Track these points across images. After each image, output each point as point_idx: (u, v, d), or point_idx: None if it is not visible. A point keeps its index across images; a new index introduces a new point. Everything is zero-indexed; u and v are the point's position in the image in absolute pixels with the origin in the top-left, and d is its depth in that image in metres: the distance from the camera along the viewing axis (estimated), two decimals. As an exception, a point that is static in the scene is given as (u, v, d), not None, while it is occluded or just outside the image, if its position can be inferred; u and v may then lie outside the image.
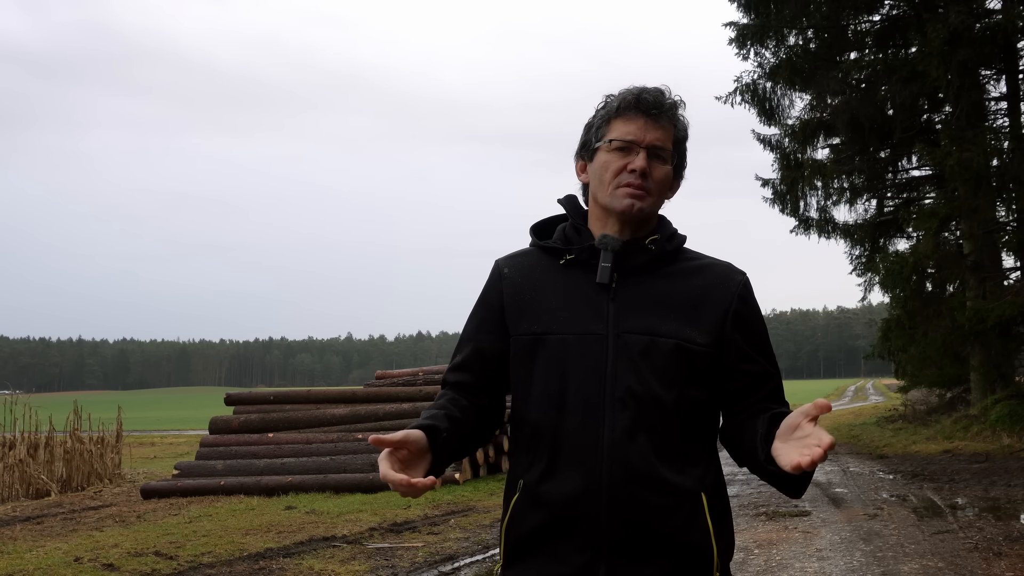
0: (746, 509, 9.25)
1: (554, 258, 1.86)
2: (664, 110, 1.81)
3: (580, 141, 1.90)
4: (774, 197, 19.06)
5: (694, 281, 1.82)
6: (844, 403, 42.06)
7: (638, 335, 1.75)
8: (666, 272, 1.83)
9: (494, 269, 1.93)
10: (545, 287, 1.84)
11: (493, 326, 1.87)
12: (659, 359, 1.74)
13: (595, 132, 1.86)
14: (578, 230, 1.87)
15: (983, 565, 6.26)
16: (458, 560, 6.86)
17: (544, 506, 1.74)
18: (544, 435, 1.77)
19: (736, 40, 18.01)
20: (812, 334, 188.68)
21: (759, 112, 18.60)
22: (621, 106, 1.82)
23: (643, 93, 1.81)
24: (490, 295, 1.90)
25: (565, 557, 1.72)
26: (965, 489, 10.23)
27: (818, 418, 1.61)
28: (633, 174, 1.78)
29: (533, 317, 1.82)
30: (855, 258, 19.49)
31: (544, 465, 1.76)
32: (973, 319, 14.85)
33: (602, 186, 1.82)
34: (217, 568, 6.62)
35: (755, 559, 6.71)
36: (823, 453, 1.54)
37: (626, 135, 1.80)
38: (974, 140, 14.34)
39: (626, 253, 1.80)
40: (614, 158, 1.81)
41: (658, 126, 1.81)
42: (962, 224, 16.71)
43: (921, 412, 20.48)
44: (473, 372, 1.90)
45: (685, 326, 1.77)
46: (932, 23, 14.83)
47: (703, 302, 1.80)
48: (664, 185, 1.83)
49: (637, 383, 1.73)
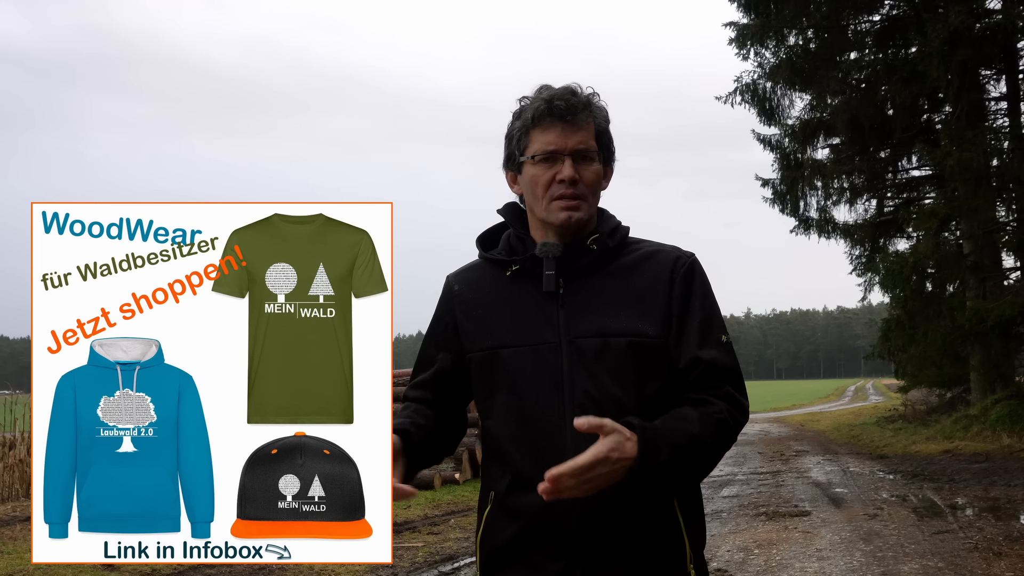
0: (746, 509, 9.25)
1: (501, 269, 1.86)
2: (579, 111, 1.78)
3: (504, 153, 1.87)
4: (774, 197, 19.07)
5: (640, 273, 1.81)
6: (844, 403, 42.07)
7: (590, 338, 1.75)
8: (612, 268, 1.81)
9: (445, 286, 1.94)
10: (495, 301, 1.84)
11: (449, 345, 1.89)
12: (614, 359, 1.73)
13: (516, 145, 1.83)
14: (521, 239, 1.86)
15: (983, 565, 6.27)
16: (458, 560, 6.87)
17: (516, 517, 1.76)
18: (510, 447, 1.78)
19: (736, 40, 18.02)
20: (812, 334, 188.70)
21: (759, 112, 18.62)
22: (535, 116, 1.78)
23: (554, 99, 1.77)
24: (443, 314, 1.92)
25: (541, 565, 1.74)
26: (965, 489, 10.23)
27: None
28: (563, 184, 1.77)
29: (487, 332, 1.82)
30: (855, 258, 19.51)
31: (512, 477, 1.77)
32: (973, 319, 14.86)
33: (536, 200, 1.81)
34: (217, 568, 6.62)
35: (755, 559, 6.71)
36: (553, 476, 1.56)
37: (547, 146, 1.78)
38: (974, 140, 14.35)
39: (569, 257, 1.79)
40: (541, 171, 1.79)
41: (577, 128, 1.78)
42: (962, 224, 16.72)
43: (921, 412, 20.49)
44: (433, 390, 1.94)
45: (635, 320, 1.76)
46: (932, 23, 14.84)
47: (649, 292, 1.78)
48: (596, 184, 1.82)
49: (594, 387, 1.73)
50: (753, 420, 28.01)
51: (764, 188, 19.22)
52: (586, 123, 1.79)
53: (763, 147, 19.21)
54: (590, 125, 1.80)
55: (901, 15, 17.39)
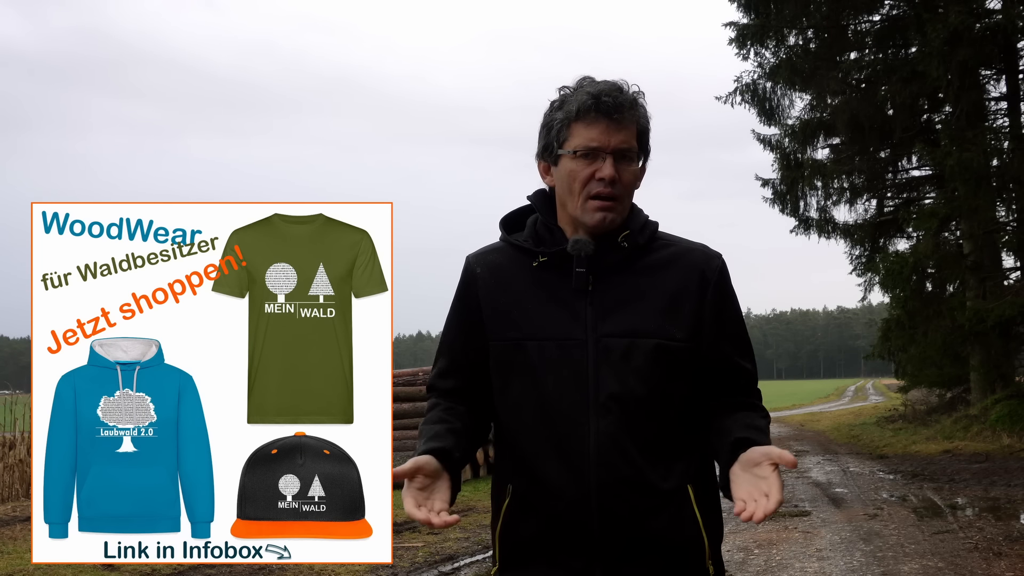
0: (746, 509, 9.25)
1: (526, 257, 1.81)
2: (625, 109, 1.74)
3: (541, 143, 1.82)
4: (774, 197, 19.05)
5: (670, 273, 1.78)
6: (844, 403, 42.05)
7: (618, 338, 1.73)
8: (642, 266, 1.79)
9: (466, 268, 1.87)
10: (520, 290, 1.79)
11: (473, 329, 1.83)
12: (640, 360, 1.72)
13: (556, 136, 1.78)
14: (550, 228, 1.81)
15: (983, 565, 6.27)
16: (458, 560, 6.87)
17: (537, 513, 1.75)
18: (530, 442, 1.76)
19: (736, 40, 18.01)
20: (812, 334, 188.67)
21: (759, 112, 18.61)
22: (580, 110, 1.73)
23: (602, 95, 1.72)
24: (465, 297, 1.86)
25: (562, 562, 1.74)
26: (965, 489, 10.23)
27: (778, 466, 1.62)
28: (602, 183, 1.73)
29: (510, 322, 1.78)
30: (855, 258, 19.49)
31: (533, 472, 1.75)
32: (973, 319, 14.85)
33: (571, 196, 1.76)
34: (217, 568, 6.62)
35: (755, 559, 6.71)
36: (763, 518, 1.57)
37: (590, 142, 1.73)
38: (974, 140, 14.34)
39: (599, 253, 1.76)
40: (580, 166, 1.74)
41: (621, 127, 1.74)
42: (962, 224, 16.71)
43: (921, 412, 20.48)
44: (461, 376, 1.87)
45: (664, 322, 1.74)
46: (932, 23, 14.83)
47: (680, 295, 1.76)
48: (633, 185, 1.79)
49: (619, 387, 1.71)
50: (753, 420, 27.96)
51: (764, 188, 19.21)
52: (630, 122, 1.75)
53: (763, 147, 19.20)
54: (633, 124, 1.76)
55: (901, 15, 17.38)
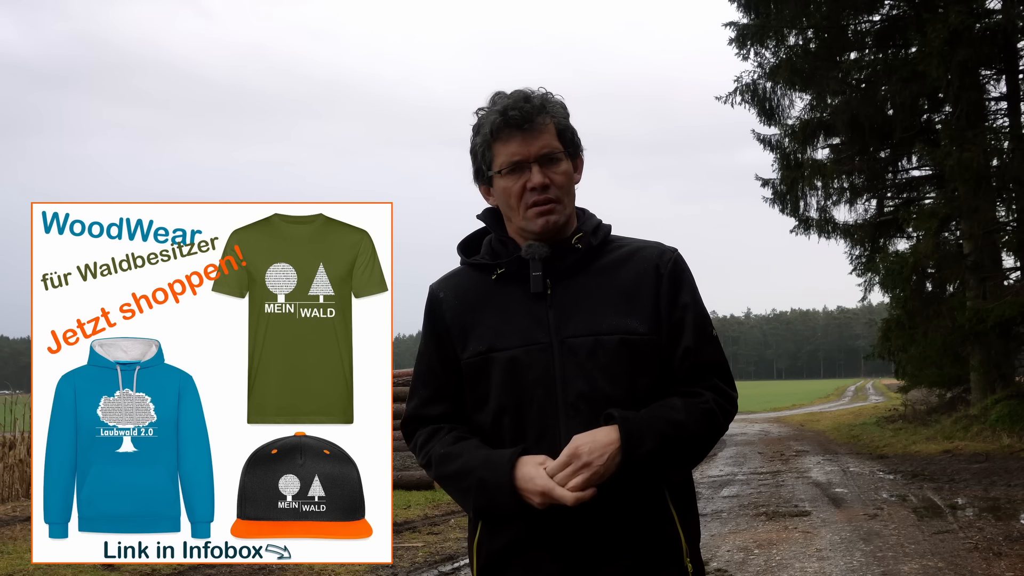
0: (746, 509, 9.25)
1: (485, 274, 1.84)
2: (535, 117, 1.77)
3: (473, 168, 1.87)
4: (774, 197, 19.06)
5: (626, 270, 1.81)
6: (844, 403, 42.06)
7: (582, 338, 1.75)
8: (597, 267, 1.82)
9: (430, 296, 1.91)
10: (483, 305, 1.82)
11: (447, 353, 1.85)
12: (605, 357, 1.74)
13: (482, 160, 1.83)
14: (504, 242, 1.85)
15: (983, 565, 6.27)
16: (458, 560, 6.87)
17: (512, 522, 1.75)
18: None
19: (736, 40, 18.01)
20: (812, 334, 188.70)
21: (759, 112, 18.62)
22: (493, 130, 1.78)
23: (508, 111, 1.77)
24: (434, 323, 1.89)
25: (539, 567, 1.74)
26: (965, 489, 10.23)
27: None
28: (535, 191, 1.76)
29: (477, 338, 1.80)
30: (855, 258, 19.50)
31: None
32: (973, 319, 14.85)
33: (513, 212, 1.81)
34: (217, 568, 6.62)
35: (755, 559, 6.72)
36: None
37: (512, 157, 1.77)
38: (974, 140, 14.35)
39: (554, 257, 1.79)
40: (511, 182, 1.78)
41: (537, 134, 1.78)
42: (962, 224, 16.71)
43: (921, 412, 20.48)
44: (448, 401, 1.88)
45: (625, 318, 1.77)
46: (932, 23, 14.83)
47: (637, 289, 1.79)
48: (568, 184, 1.82)
49: (587, 386, 1.73)
50: (753, 420, 28.02)
51: (764, 188, 19.22)
52: (544, 126, 1.79)
53: (763, 147, 19.21)
54: (549, 127, 1.79)
55: (901, 15, 17.39)
